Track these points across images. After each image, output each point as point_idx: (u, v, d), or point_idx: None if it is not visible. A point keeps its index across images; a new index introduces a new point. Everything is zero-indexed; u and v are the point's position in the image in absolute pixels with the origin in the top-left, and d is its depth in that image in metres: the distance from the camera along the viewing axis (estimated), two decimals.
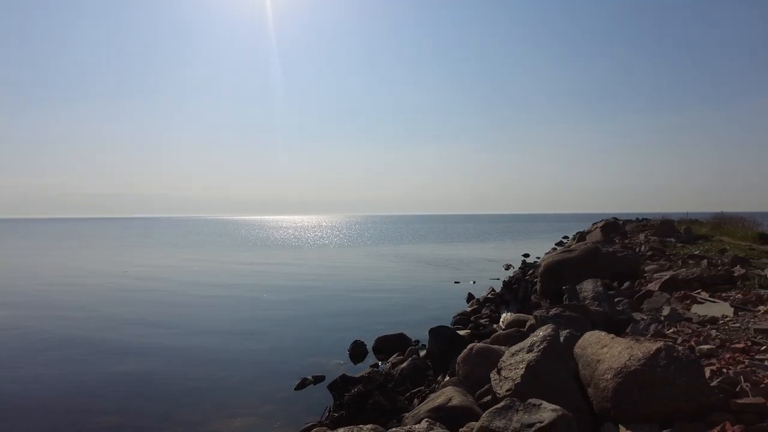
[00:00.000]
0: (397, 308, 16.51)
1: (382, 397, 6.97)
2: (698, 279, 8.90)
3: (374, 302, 17.66)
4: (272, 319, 15.06)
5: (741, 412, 3.46)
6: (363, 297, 18.90)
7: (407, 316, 14.93)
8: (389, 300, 18.04)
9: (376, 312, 15.87)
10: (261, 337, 13.09)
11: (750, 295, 7.95)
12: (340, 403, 7.23)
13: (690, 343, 5.31)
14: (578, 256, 9.87)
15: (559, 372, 3.72)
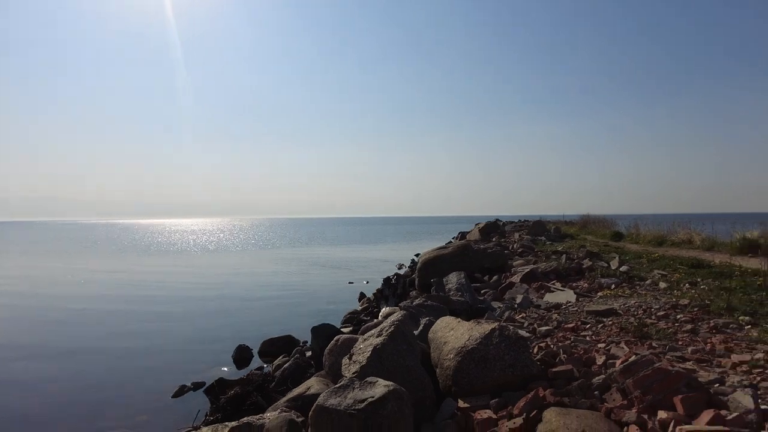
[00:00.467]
0: (288, 311, 16.38)
1: (260, 398, 6.97)
2: (555, 271, 9.95)
3: (264, 307, 17.37)
4: (150, 330, 14.16)
5: (554, 379, 4.01)
6: (252, 302, 18.49)
7: (298, 319, 14.88)
8: (280, 303, 17.85)
9: (265, 316, 15.62)
10: (138, 348, 12.30)
11: (594, 283, 9.06)
12: (217, 406, 7.11)
13: (534, 325, 5.98)
14: (451, 252, 10.59)
15: (404, 354, 4.04)
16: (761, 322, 5.47)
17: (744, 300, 6.33)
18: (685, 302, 6.34)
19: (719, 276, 9.40)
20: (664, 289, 8.24)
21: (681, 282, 8.83)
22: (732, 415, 3.06)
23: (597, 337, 5.19)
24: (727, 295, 6.40)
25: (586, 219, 29.65)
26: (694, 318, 5.71)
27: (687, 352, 4.54)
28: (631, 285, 8.82)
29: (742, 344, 4.71)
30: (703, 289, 7.86)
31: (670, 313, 6.00)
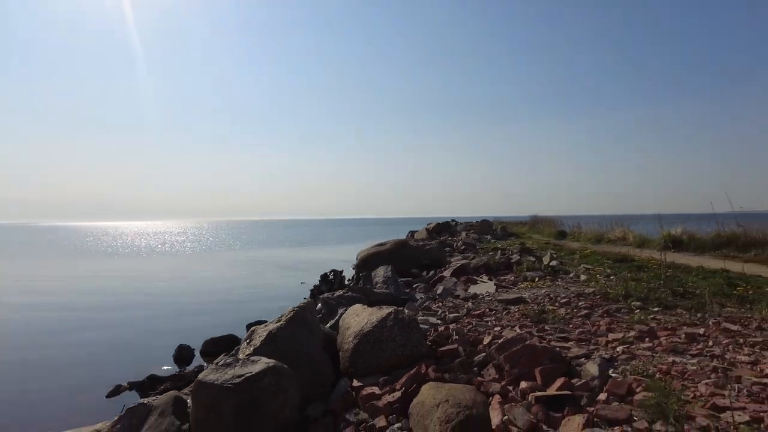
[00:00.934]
0: (235, 312, 16.25)
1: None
2: (485, 266, 10.34)
3: (211, 308, 17.17)
4: (88, 333, 13.82)
5: (441, 357, 4.28)
6: (199, 303, 18.24)
7: (245, 319, 14.84)
8: (228, 304, 17.69)
9: (212, 317, 15.46)
10: (76, 352, 12.02)
11: (519, 276, 9.48)
12: None
13: (445, 312, 6.27)
14: (388, 249, 10.86)
15: (302, 338, 4.23)
16: (649, 307, 5.92)
17: (641, 288, 6.80)
18: (590, 290, 6.76)
19: (638, 269, 9.99)
20: (583, 281, 8.71)
21: (600, 275, 9.35)
22: (580, 382, 3.38)
23: (498, 322, 5.51)
24: (625, 285, 6.86)
25: (535, 219, 30.61)
26: (593, 305, 6.12)
27: (574, 333, 4.89)
28: (554, 277, 9.27)
29: (623, 325, 5.10)
30: (615, 280, 8.35)
31: (573, 300, 6.40)
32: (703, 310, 5.75)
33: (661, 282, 7.14)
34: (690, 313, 5.63)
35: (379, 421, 3.51)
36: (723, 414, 2.91)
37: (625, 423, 2.85)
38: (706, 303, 6.09)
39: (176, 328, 14.41)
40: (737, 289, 7.69)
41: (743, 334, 4.72)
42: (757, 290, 7.58)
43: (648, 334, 4.73)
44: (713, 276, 9.13)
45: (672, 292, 6.82)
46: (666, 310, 5.79)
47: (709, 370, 3.65)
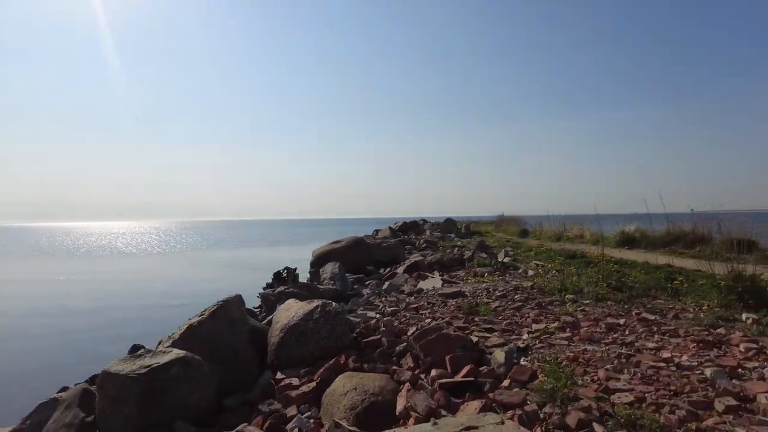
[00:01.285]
0: (195, 311, 16.05)
1: None
2: (439, 262, 10.46)
3: (171, 308, 16.94)
4: (38, 335, 13.45)
5: (364, 348, 4.33)
6: (159, 303, 17.96)
7: None
8: (190, 304, 17.46)
9: (171, 316, 15.26)
10: (22, 356, 11.66)
11: (470, 272, 9.61)
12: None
13: (386, 307, 6.33)
14: (344, 246, 10.90)
15: (224, 331, 4.23)
16: (581, 299, 6.09)
17: (578, 282, 6.99)
18: (528, 284, 6.92)
19: (586, 264, 10.25)
20: (530, 276, 8.89)
21: (548, 270, 9.56)
22: (486, 369, 3.47)
23: (432, 314, 5.59)
24: (561, 279, 7.04)
25: (501, 218, 31.05)
26: (528, 298, 6.26)
27: (501, 324, 5.00)
28: (502, 273, 9.44)
29: (550, 316, 5.25)
30: (559, 275, 8.56)
31: (510, 294, 6.54)
32: (631, 302, 5.95)
33: (600, 277, 7.34)
34: (618, 305, 5.81)
35: (290, 410, 3.54)
36: (612, 396, 3.03)
37: (518, 407, 2.94)
38: (635, 295, 6.30)
39: (132, 327, 14.14)
40: (674, 282, 7.98)
41: (659, 323, 4.90)
42: (692, 283, 7.88)
43: (571, 324, 4.87)
44: (656, 271, 9.44)
45: (608, 285, 7.03)
46: (597, 303, 5.96)
47: (614, 357, 3.79)
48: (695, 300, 6.42)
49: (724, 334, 4.46)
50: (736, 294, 6.10)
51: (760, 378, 3.32)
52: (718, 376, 3.35)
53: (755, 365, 3.57)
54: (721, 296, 6.22)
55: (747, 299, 5.95)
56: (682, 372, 3.46)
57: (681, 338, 4.35)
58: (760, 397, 3.00)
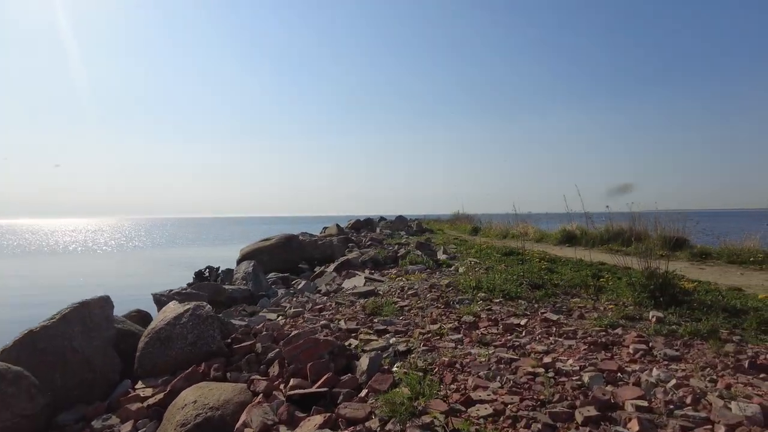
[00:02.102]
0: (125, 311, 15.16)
1: None
2: (372, 260, 10.12)
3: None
4: None
5: (233, 355, 3.93)
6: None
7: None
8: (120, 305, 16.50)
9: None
10: None
11: (401, 270, 9.31)
12: None
13: (291, 308, 5.94)
14: (273, 245, 10.42)
15: (74, 336, 3.77)
16: (493, 297, 5.86)
17: (494, 280, 6.78)
18: (445, 282, 6.64)
19: (521, 262, 10.12)
20: (460, 274, 8.66)
21: (478, 268, 9.37)
22: (346, 378, 3.12)
23: (334, 315, 5.24)
24: (477, 275, 6.80)
25: (456, 216, 31.02)
26: (439, 296, 5.98)
27: (399, 325, 4.69)
28: (433, 271, 9.19)
29: (452, 316, 4.97)
30: (488, 272, 8.36)
31: (423, 292, 6.24)
32: (542, 301, 5.75)
33: (523, 274, 7.14)
34: (529, 304, 5.59)
35: (126, 426, 3.12)
36: (471, 408, 2.74)
37: (362, 422, 2.61)
38: (551, 294, 6.12)
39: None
40: (600, 279, 7.89)
41: (560, 323, 4.69)
42: (617, 281, 7.81)
43: (469, 325, 4.60)
44: (586, 268, 9.37)
45: (529, 283, 6.84)
46: (508, 301, 5.73)
47: (495, 362, 3.51)
48: (611, 298, 6.30)
49: (620, 334, 4.27)
50: (648, 292, 5.99)
51: (635, 383, 3.10)
52: (594, 382, 3.12)
53: (636, 368, 3.35)
54: (635, 294, 6.11)
55: (659, 297, 5.85)
56: (559, 378, 3.21)
57: (576, 340, 4.13)
58: (627, 404, 2.76)
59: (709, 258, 11.39)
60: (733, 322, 4.80)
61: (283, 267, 10.11)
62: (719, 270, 9.97)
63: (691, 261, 11.40)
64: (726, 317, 5.04)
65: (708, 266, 10.55)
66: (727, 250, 11.18)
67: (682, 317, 5.05)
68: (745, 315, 5.33)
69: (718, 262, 11.04)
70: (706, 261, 11.23)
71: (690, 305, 5.72)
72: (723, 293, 6.73)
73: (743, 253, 10.79)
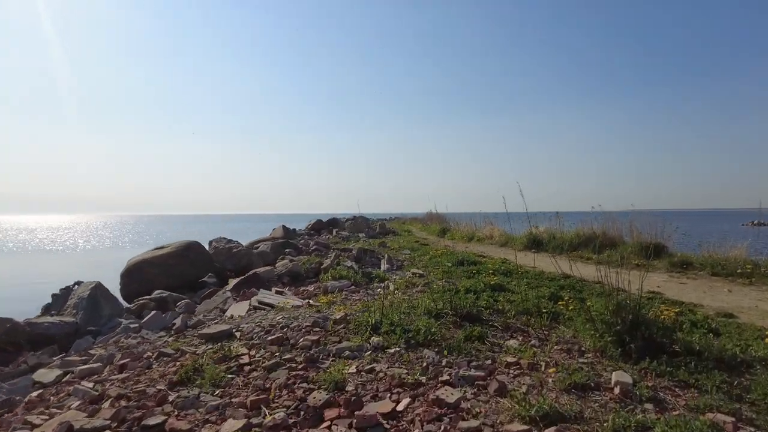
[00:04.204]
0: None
1: None
2: (290, 273, 8.15)
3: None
4: None
5: None
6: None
7: None
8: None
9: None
10: None
11: (320, 288, 7.36)
12: None
13: (90, 360, 3.95)
14: (168, 254, 8.32)
15: None
16: (390, 343, 3.91)
17: (411, 307, 4.86)
18: (339, 316, 4.67)
19: (470, 275, 8.28)
20: (390, 292, 6.76)
21: (417, 283, 7.48)
22: None
23: (123, 383, 3.27)
24: (381, 307, 4.81)
25: (429, 216, 29.18)
26: (315, 342, 4.00)
27: (197, 413, 2.74)
28: (360, 287, 7.29)
29: (303, 386, 3.02)
30: (423, 289, 6.48)
31: (294, 334, 4.24)
32: (461, 350, 3.83)
33: (451, 300, 5.21)
34: (439, 355, 3.68)
35: None
36: None
37: None
38: (477, 337, 4.21)
39: None
40: (559, 303, 6.02)
41: (461, 410, 2.77)
42: (580, 306, 5.97)
43: (313, 413, 2.67)
44: (546, 283, 7.52)
45: (456, 312, 4.92)
46: (410, 350, 3.80)
47: None
48: (565, 338, 4.43)
49: None
50: (614, 333, 4.12)
51: None
52: None
53: None
54: (595, 337, 4.23)
55: (628, 342, 3.99)
56: None
57: None
58: None
59: (690, 268, 9.63)
60: (736, 390, 3.03)
61: (179, 282, 8.02)
62: (703, 284, 8.21)
63: (671, 272, 9.62)
64: (723, 379, 3.29)
65: (690, 279, 8.80)
66: (711, 260, 9.43)
67: (662, 377, 3.25)
68: (749, 372, 3.54)
69: (700, 273, 9.29)
70: (687, 272, 9.48)
71: (672, 352, 3.89)
72: (714, 326, 4.90)
73: (729, 264, 9.06)
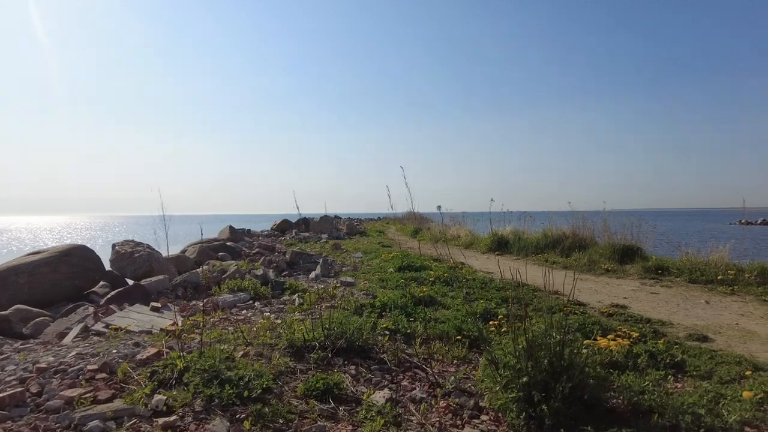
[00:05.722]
0: None
1: None
2: (189, 283, 6.78)
3: None
4: None
5: None
6: None
7: None
8: None
9: None
10: None
11: (209, 302, 5.98)
12: None
13: None
14: (41, 260, 6.92)
15: None
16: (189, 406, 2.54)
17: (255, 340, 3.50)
18: (149, 354, 3.29)
19: (407, 282, 6.98)
20: (296, 308, 5.41)
21: (335, 294, 6.15)
22: None
23: None
24: (244, 334, 3.44)
25: (408, 216, 27.89)
26: (80, 397, 2.62)
27: None
28: (262, 301, 5.94)
29: None
30: (329, 311, 5.10)
31: (61, 386, 2.86)
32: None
33: (327, 326, 3.83)
34: (234, 428, 2.31)
35: None
36: None
37: None
38: (343, 389, 2.84)
39: None
40: (491, 322, 4.68)
41: None
42: (518, 324, 4.62)
43: None
44: (493, 293, 6.18)
45: (333, 343, 3.57)
46: (200, 418, 2.43)
47: None
48: (460, 393, 3.09)
49: None
50: (521, 388, 2.75)
51: None
52: None
53: None
54: (496, 390, 2.88)
55: (540, 402, 2.62)
56: None
57: None
58: None
59: (666, 274, 8.29)
60: None
61: (57, 294, 6.57)
62: (678, 294, 6.89)
63: (644, 278, 8.28)
64: None
65: (664, 287, 7.47)
66: (689, 264, 8.10)
67: None
68: None
69: (677, 280, 7.96)
70: (662, 278, 8.15)
71: (607, 414, 2.58)
72: (679, 358, 3.55)
73: (708, 269, 7.73)
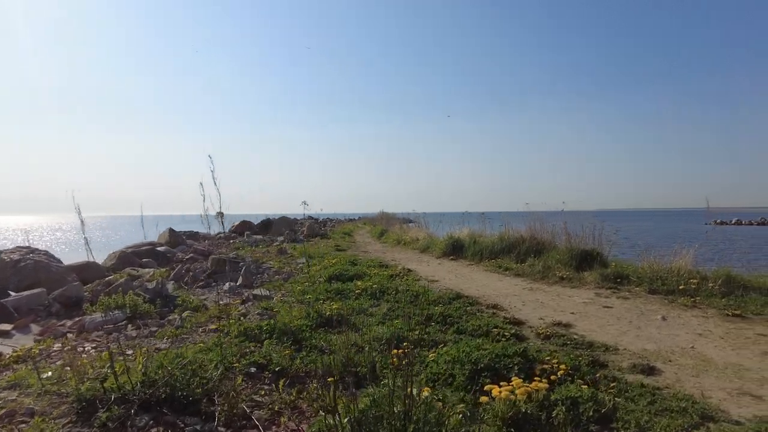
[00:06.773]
0: None
1: None
2: (62, 299, 5.70)
3: None
4: None
5: None
6: None
7: None
8: None
9: None
10: None
11: (77, 323, 4.93)
12: None
13: None
14: None
15: None
16: None
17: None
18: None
19: (329, 296, 6.01)
20: (164, 334, 4.38)
21: (230, 313, 5.12)
22: None
23: None
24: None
25: (381, 215, 27.04)
26: None
27: None
28: (144, 320, 4.92)
29: None
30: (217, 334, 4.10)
31: None
32: None
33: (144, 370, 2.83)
34: None
35: None
36: None
37: None
38: None
39: None
40: (394, 351, 3.69)
41: None
42: (422, 353, 3.71)
43: None
44: (421, 309, 5.22)
45: (145, 392, 2.55)
46: None
47: None
48: None
49: None
50: None
51: None
52: None
53: None
54: None
55: None
56: None
57: None
58: None
59: (625, 282, 7.38)
60: None
61: None
62: (634, 307, 6.01)
63: (600, 288, 7.37)
64: None
65: (620, 298, 6.57)
66: (650, 272, 7.19)
67: None
68: None
69: (636, 290, 7.05)
70: (620, 287, 7.23)
71: None
72: (611, 405, 2.60)
73: (670, 278, 6.84)
